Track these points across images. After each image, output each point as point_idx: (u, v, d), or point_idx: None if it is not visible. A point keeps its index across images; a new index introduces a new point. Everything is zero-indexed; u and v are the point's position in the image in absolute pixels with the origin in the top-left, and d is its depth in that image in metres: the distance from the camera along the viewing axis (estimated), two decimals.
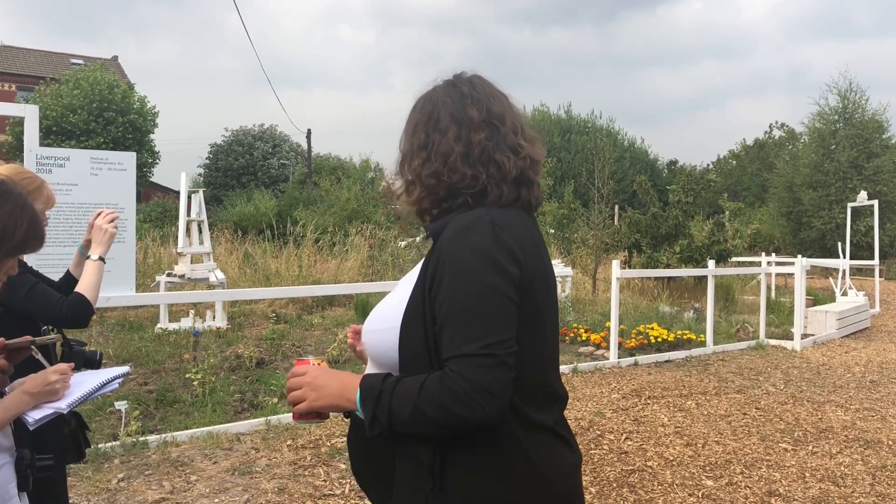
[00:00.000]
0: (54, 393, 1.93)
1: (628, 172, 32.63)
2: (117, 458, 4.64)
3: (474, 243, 1.37)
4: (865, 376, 7.83)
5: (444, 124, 1.51)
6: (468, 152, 1.48)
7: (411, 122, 1.58)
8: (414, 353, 1.40)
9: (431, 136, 1.51)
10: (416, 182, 1.53)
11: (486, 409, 1.28)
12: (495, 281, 1.35)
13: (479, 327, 1.32)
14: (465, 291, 1.34)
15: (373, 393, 1.35)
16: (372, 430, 1.34)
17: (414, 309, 1.42)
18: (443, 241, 1.42)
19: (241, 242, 15.70)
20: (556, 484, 1.44)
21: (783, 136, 43.44)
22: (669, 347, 8.86)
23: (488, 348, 1.30)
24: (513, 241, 1.39)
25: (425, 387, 1.31)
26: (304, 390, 1.45)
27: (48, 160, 4.97)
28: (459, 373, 1.29)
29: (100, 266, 2.57)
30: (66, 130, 28.02)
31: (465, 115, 1.51)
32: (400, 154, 1.59)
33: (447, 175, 1.48)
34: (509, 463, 1.39)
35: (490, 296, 1.34)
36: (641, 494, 4.26)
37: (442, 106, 1.53)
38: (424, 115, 1.55)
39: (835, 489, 4.42)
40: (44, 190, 2.46)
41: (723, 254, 14.27)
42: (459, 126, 1.50)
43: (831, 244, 22.47)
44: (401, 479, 1.46)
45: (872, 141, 27.39)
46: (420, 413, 1.30)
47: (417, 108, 1.59)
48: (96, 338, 8.07)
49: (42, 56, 38.40)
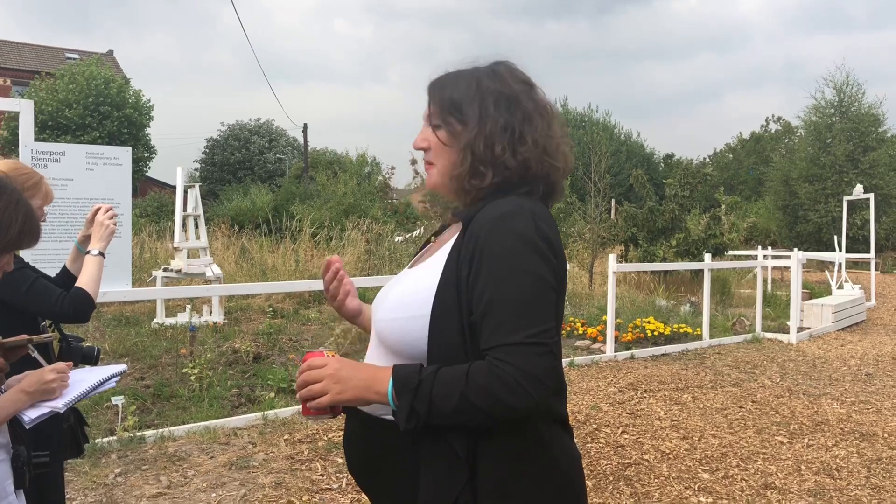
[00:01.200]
0: (51, 392, 1.93)
1: (625, 166, 32.62)
2: (114, 452, 4.64)
3: (518, 231, 1.35)
4: (861, 369, 7.86)
5: (521, 109, 1.49)
6: (533, 141, 1.48)
7: (483, 96, 1.48)
8: (448, 344, 1.36)
9: (509, 120, 1.47)
10: (491, 164, 1.46)
11: (535, 396, 1.26)
12: (540, 269, 1.34)
13: (526, 316, 1.30)
14: (512, 280, 1.32)
15: (410, 384, 1.29)
16: (409, 423, 1.29)
17: (447, 297, 1.37)
18: (480, 228, 1.38)
19: (237, 237, 15.69)
20: (571, 475, 1.46)
21: (779, 129, 43.45)
22: (666, 341, 8.88)
23: (537, 336, 1.29)
24: (549, 232, 1.39)
25: (472, 376, 1.27)
26: (326, 383, 1.36)
27: (43, 155, 4.95)
28: (509, 361, 1.27)
29: (100, 261, 2.57)
30: (62, 125, 27.92)
31: (533, 102, 1.51)
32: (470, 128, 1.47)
33: (514, 161, 1.46)
34: (534, 454, 1.39)
35: (537, 284, 1.33)
36: (638, 487, 4.28)
37: (513, 90, 1.50)
38: (499, 96, 1.49)
39: (830, 482, 4.44)
40: (42, 185, 2.46)
41: (719, 247, 14.30)
42: (527, 114, 1.49)
43: (827, 237, 22.51)
44: (430, 477, 1.39)
45: (868, 134, 27.40)
46: (467, 402, 1.27)
47: (483, 83, 1.50)
48: (93, 333, 8.06)
49: (37, 50, 38.21)
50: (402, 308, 1.44)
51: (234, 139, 36.96)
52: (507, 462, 1.36)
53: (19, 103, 4.98)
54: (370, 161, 32.21)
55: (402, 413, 1.30)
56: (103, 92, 28.87)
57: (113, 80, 29.83)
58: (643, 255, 14.11)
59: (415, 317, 1.40)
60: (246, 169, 35.91)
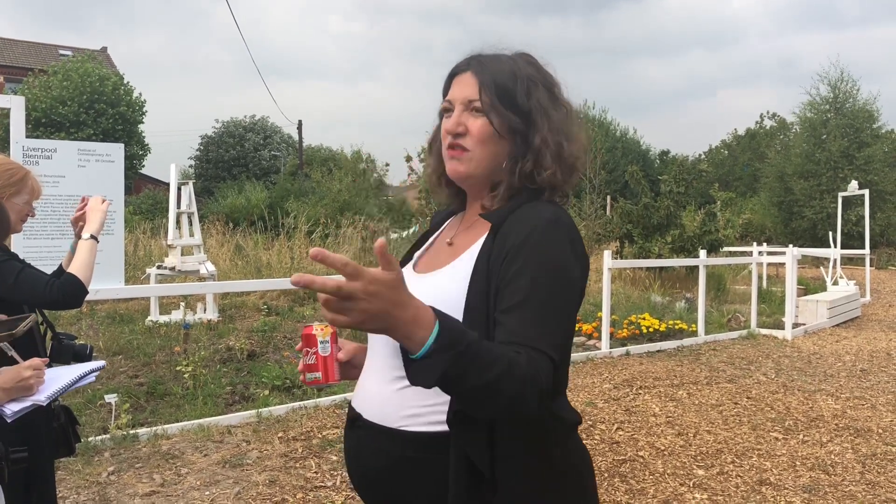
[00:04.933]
0: (28, 389, 1.92)
1: (620, 163, 32.61)
2: (107, 451, 4.61)
3: (566, 238, 1.31)
4: (856, 365, 7.87)
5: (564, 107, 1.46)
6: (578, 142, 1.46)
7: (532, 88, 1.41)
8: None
9: (560, 119, 1.43)
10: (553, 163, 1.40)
11: (533, 406, 1.15)
12: (576, 278, 1.31)
13: (558, 325, 1.24)
14: (553, 286, 1.26)
15: (458, 344, 1.07)
16: (434, 383, 1.07)
17: (480, 308, 1.28)
18: (523, 230, 1.30)
19: (232, 234, 15.63)
20: (585, 475, 1.45)
21: (774, 126, 43.52)
22: (661, 337, 8.88)
23: (556, 350, 1.21)
24: (581, 243, 1.36)
25: (513, 363, 1.12)
26: (362, 303, 1.03)
27: (35, 152, 4.92)
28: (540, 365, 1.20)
29: (92, 245, 2.51)
30: (56, 122, 27.81)
31: (566, 100, 1.49)
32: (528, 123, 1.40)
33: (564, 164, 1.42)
34: (550, 453, 1.36)
35: (573, 294, 1.30)
36: (633, 484, 4.27)
37: (554, 84, 1.46)
38: (548, 91, 1.44)
39: (825, 477, 4.43)
40: (28, 181, 2.42)
41: (714, 244, 14.30)
42: (569, 112, 1.47)
43: (822, 234, 22.56)
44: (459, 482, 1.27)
45: (863, 130, 27.49)
46: (495, 386, 1.10)
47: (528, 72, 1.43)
48: (86, 331, 8.03)
49: (30, 47, 38.05)
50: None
51: (228, 136, 36.89)
52: (527, 464, 1.32)
53: (10, 100, 4.94)
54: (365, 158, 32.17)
55: (432, 371, 1.07)
56: (98, 89, 28.76)
57: (107, 78, 29.72)
58: (638, 252, 14.10)
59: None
60: (241, 166, 35.85)
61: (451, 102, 1.43)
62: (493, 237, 1.34)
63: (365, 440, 1.41)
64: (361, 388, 1.47)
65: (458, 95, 1.42)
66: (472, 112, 1.40)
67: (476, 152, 1.39)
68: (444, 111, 1.45)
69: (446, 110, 1.44)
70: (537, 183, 1.40)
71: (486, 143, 1.39)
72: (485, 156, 1.40)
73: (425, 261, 1.50)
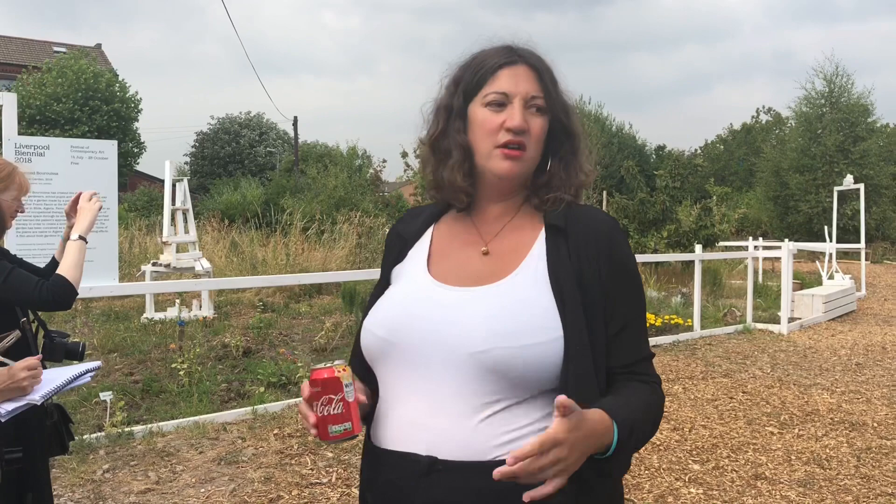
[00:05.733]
0: (23, 389, 1.90)
1: (616, 158, 32.58)
2: (102, 448, 4.60)
3: (628, 243, 1.38)
4: (851, 359, 7.88)
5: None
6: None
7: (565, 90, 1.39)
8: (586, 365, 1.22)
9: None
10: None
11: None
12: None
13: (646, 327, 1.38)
14: (639, 293, 1.34)
15: (629, 427, 1.15)
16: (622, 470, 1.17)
17: (577, 315, 1.23)
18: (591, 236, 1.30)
19: (227, 231, 15.62)
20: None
21: (770, 120, 43.56)
22: (657, 332, 8.88)
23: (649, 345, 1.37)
24: None
25: (650, 404, 1.27)
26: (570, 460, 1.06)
27: (27, 149, 4.89)
28: (652, 375, 1.32)
29: (81, 245, 2.49)
30: (51, 120, 27.71)
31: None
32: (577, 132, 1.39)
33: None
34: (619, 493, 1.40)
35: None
36: (628, 479, 4.27)
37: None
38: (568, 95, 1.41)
39: (820, 471, 4.44)
40: (15, 177, 2.40)
41: (710, 238, 14.33)
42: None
43: (818, 228, 22.58)
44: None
45: (858, 124, 27.49)
46: (653, 431, 1.28)
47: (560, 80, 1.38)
48: (81, 328, 8.01)
49: (23, 44, 37.88)
50: (532, 333, 1.21)
51: (223, 132, 36.80)
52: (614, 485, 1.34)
53: (2, 97, 4.92)
54: (361, 154, 32.15)
55: (626, 461, 1.18)
56: (92, 86, 28.66)
57: (102, 75, 29.62)
58: (634, 247, 14.11)
59: (553, 339, 1.21)
60: (236, 162, 35.77)
61: (507, 96, 1.30)
62: (557, 238, 1.31)
63: (453, 483, 1.20)
64: (422, 428, 1.23)
65: (518, 90, 1.30)
66: (531, 110, 1.31)
67: (531, 152, 1.32)
68: (495, 104, 1.30)
69: (498, 104, 1.30)
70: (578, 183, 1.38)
71: (541, 143, 1.34)
72: (536, 156, 1.34)
73: (456, 272, 1.33)
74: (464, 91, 1.33)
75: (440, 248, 1.38)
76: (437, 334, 1.24)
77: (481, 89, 1.32)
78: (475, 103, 1.32)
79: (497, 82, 1.31)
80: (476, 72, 1.33)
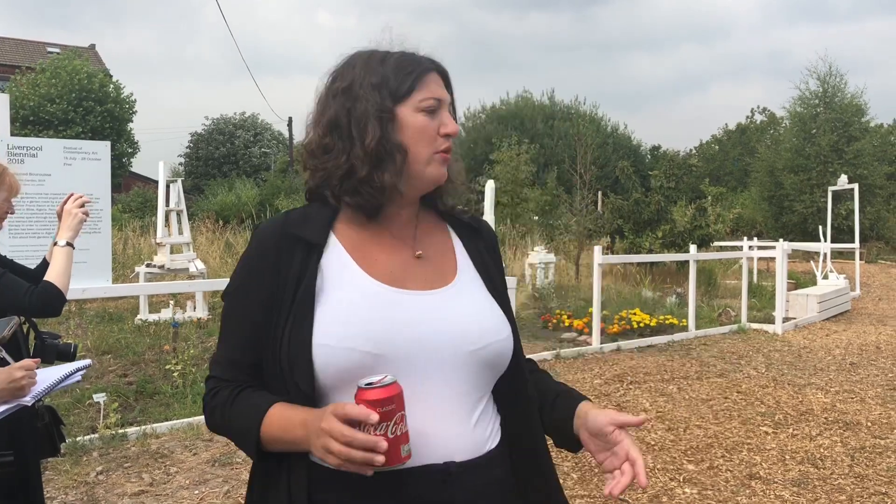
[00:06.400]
0: (20, 390, 1.89)
1: (611, 158, 32.61)
2: (96, 450, 4.59)
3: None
4: (846, 359, 7.90)
5: None
6: None
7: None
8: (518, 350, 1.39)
9: None
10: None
11: None
12: None
13: None
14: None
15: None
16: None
17: (505, 308, 1.38)
18: (486, 237, 1.46)
19: (222, 232, 15.60)
20: None
21: (764, 120, 43.63)
22: (652, 332, 8.89)
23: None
24: None
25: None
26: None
27: (20, 150, 4.88)
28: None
29: (68, 252, 2.48)
30: (45, 120, 27.63)
31: None
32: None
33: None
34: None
35: None
36: None
37: None
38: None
39: (814, 471, 4.45)
40: (6, 178, 2.39)
41: (705, 238, 14.34)
42: None
43: (812, 228, 22.62)
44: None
45: (852, 124, 27.54)
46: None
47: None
48: (74, 330, 7.98)
49: (17, 44, 37.75)
50: (504, 325, 1.33)
51: (218, 133, 36.76)
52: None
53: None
54: None
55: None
56: (86, 87, 28.59)
57: (95, 75, 29.54)
58: (629, 247, 14.14)
59: (510, 331, 1.34)
60: (231, 163, 35.73)
61: (438, 101, 1.32)
62: (473, 239, 1.42)
63: (466, 483, 1.23)
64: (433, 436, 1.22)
65: (442, 95, 1.33)
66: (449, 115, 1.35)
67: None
68: (429, 110, 1.30)
69: (431, 110, 1.31)
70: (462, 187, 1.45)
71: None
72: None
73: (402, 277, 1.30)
74: (391, 95, 1.29)
75: (362, 254, 1.31)
76: (431, 338, 1.24)
77: (412, 94, 1.30)
78: (406, 108, 1.29)
79: (428, 88, 1.31)
80: (403, 76, 1.30)
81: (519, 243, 15.36)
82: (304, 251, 1.28)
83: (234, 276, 1.34)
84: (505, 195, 19.12)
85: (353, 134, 1.28)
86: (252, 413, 1.21)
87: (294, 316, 1.22)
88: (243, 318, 1.28)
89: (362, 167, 1.27)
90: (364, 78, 1.30)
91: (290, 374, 1.20)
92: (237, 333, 1.29)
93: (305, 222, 1.31)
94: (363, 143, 1.27)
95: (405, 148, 1.29)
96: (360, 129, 1.28)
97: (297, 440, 1.17)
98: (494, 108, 37.72)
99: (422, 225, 1.38)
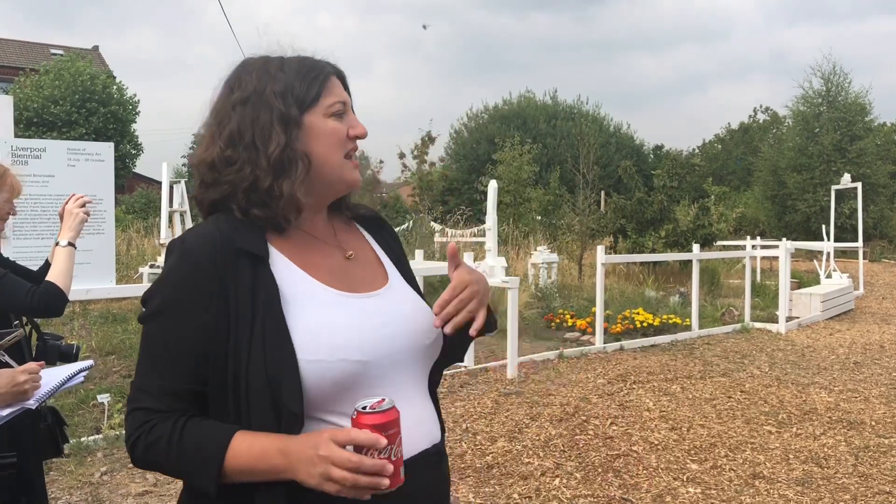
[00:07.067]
0: (24, 393, 1.89)
1: (614, 158, 32.61)
2: (100, 451, 4.59)
3: None
4: (849, 358, 7.89)
5: None
6: None
7: None
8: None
9: None
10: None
11: None
12: None
13: None
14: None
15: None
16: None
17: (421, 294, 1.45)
18: (390, 233, 1.51)
19: None
20: None
21: (767, 119, 43.57)
22: (655, 332, 8.88)
23: None
24: None
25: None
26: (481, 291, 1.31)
27: (24, 151, 4.89)
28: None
29: (70, 252, 2.48)
30: (48, 122, 27.69)
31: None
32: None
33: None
34: None
35: None
36: (626, 479, 4.27)
37: None
38: None
39: (818, 470, 4.44)
40: (7, 178, 2.39)
41: (708, 238, 14.33)
42: None
43: (816, 227, 22.58)
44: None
45: (856, 123, 27.49)
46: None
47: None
48: (78, 331, 7.99)
49: (20, 46, 37.84)
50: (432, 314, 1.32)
51: None
52: None
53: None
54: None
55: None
56: (90, 88, 28.64)
57: (98, 77, 29.60)
58: (632, 247, 14.12)
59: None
60: None
61: (344, 104, 1.31)
62: (381, 235, 1.48)
63: (445, 457, 1.37)
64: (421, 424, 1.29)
65: (346, 98, 1.33)
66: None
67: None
68: (338, 114, 1.30)
69: (340, 113, 1.30)
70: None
71: None
72: None
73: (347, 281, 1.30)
74: (298, 103, 1.27)
75: (304, 262, 1.28)
76: (399, 337, 1.29)
77: (319, 100, 1.28)
78: (314, 114, 1.28)
79: (334, 92, 1.30)
80: (308, 83, 1.28)
81: (522, 243, 15.36)
82: (250, 263, 1.20)
83: (156, 296, 1.21)
84: (508, 195, 19.14)
85: (257, 144, 1.24)
86: (209, 444, 1.12)
87: (264, 333, 1.15)
88: (178, 340, 1.17)
89: (265, 177, 1.23)
90: (265, 86, 1.27)
91: (275, 394, 1.12)
92: (171, 359, 1.17)
93: (239, 233, 1.23)
94: (266, 152, 1.24)
95: (308, 156, 1.26)
96: (265, 138, 1.24)
97: (274, 469, 1.10)
98: (497, 108, 37.75)
99: (337, 225, 1.40)
